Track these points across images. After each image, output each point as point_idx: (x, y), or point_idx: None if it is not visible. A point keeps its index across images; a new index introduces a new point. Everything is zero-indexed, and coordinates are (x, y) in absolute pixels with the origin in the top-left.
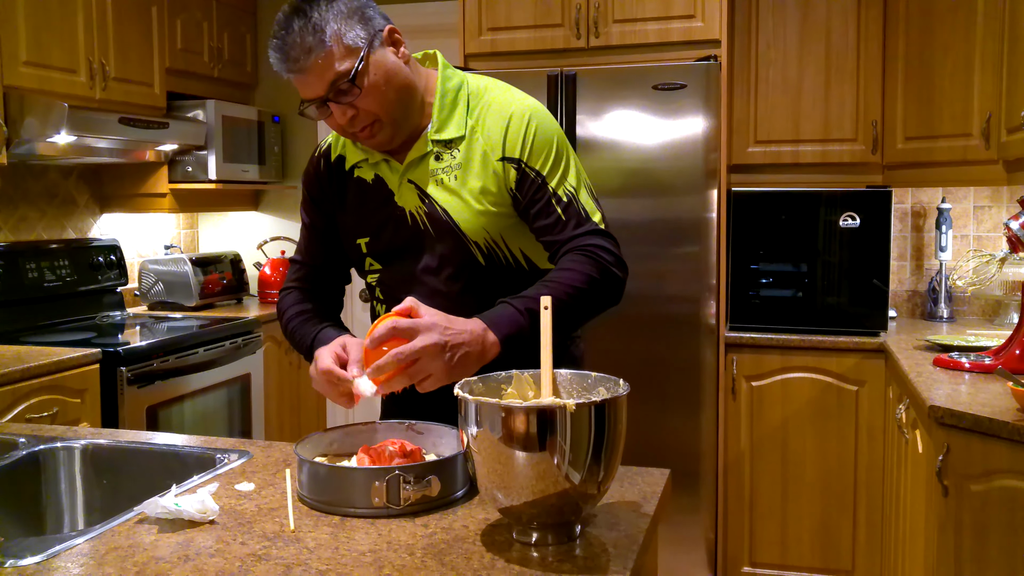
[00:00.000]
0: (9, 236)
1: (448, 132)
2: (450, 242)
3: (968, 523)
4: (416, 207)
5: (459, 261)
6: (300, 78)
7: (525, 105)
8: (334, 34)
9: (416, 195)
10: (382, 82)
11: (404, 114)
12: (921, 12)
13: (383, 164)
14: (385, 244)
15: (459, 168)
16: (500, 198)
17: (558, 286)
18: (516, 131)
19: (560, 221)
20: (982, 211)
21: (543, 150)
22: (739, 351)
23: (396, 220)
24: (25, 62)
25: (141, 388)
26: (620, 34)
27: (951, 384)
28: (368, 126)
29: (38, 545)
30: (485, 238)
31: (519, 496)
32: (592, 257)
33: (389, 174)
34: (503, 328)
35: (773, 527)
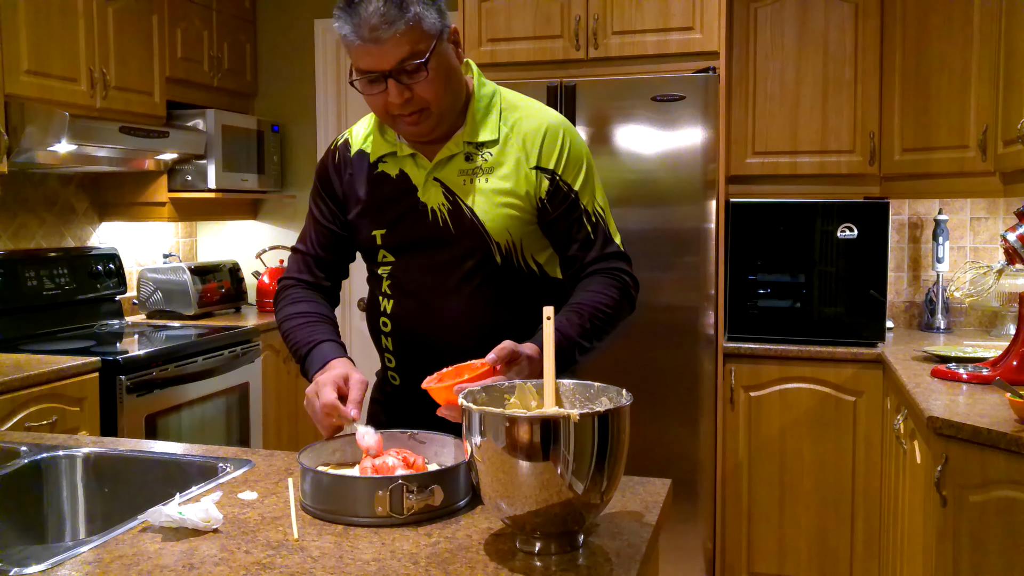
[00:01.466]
0: (8, 244)
1: (482, 135)
2: (471, 240)
3: (966, 533)
4: (440, 204)
5: (478, 259)
6: (371, 47)
7: (560, 120)
8: (416, 15)
9: (441, 192)
10: (444, 74)
11: (451, 110)
12: (918, 24)
13: (409, 160)
14: (400, 237)
15: (490, 171)
16: (527, 204)
17: (593, 310)
18: (551, 143)
19: (589, 239)
20: (979, 222)
21: (576, 166)
22: (737, 361)
23: (416, 214)
24: (26, 71)
25: (140, 397)
26: (619, 45)
27: (949, 395)
28: (417, 112)
29: (42, 553)
30: (507, 239)
31: (523, 505)
32: (619, 280)
33: (415, 170)
34: None
35: (771, 536)
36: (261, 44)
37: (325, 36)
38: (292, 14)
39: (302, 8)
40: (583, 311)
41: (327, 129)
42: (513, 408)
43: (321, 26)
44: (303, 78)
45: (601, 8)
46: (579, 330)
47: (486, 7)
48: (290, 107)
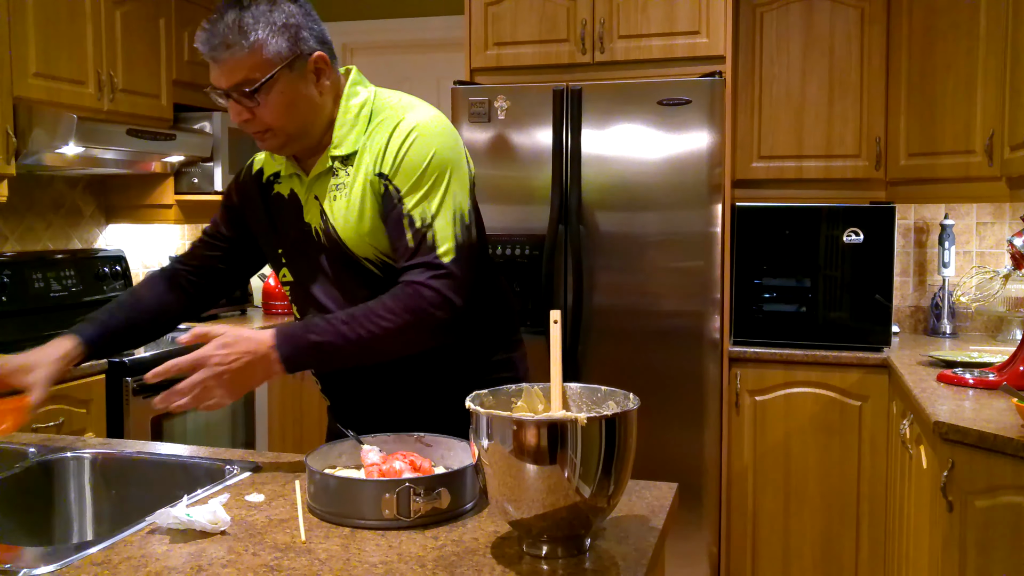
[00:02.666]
0: (16, 246)
1: (343, 148)
2: (343, 259)
3: (973, 539)
4: (318, 224)
5: (354, 277)
6: (213, 65)
7: (413, 121)
8: (257, 41)
9: (318, 211)
10: (283, 103)
11: (298, 133)
12: (924, 29)
13: (295, 179)
14: (295, 258)
15: (347, 187)
16: (374, 215)
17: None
18: (392, 147)
19: (406, 245)
20: (985, 227)
21: (412, 168)
22: (742, 365)
23: (303, 235)
24: (34, 73)
25: (146, 399)
26: (625, 50)
27: (955, 400)
28: (259, 132)
29: (51, 555)
30: (375, 253)
31: (530, 509)
32: (413, 294)
33: (300, 188)
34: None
35: (776, 541)
36: None
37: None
38: None
39: None
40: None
41: None
42: (520, 411)
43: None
44: None
45: (607, 12)
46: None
47: (492, 11)
48: None
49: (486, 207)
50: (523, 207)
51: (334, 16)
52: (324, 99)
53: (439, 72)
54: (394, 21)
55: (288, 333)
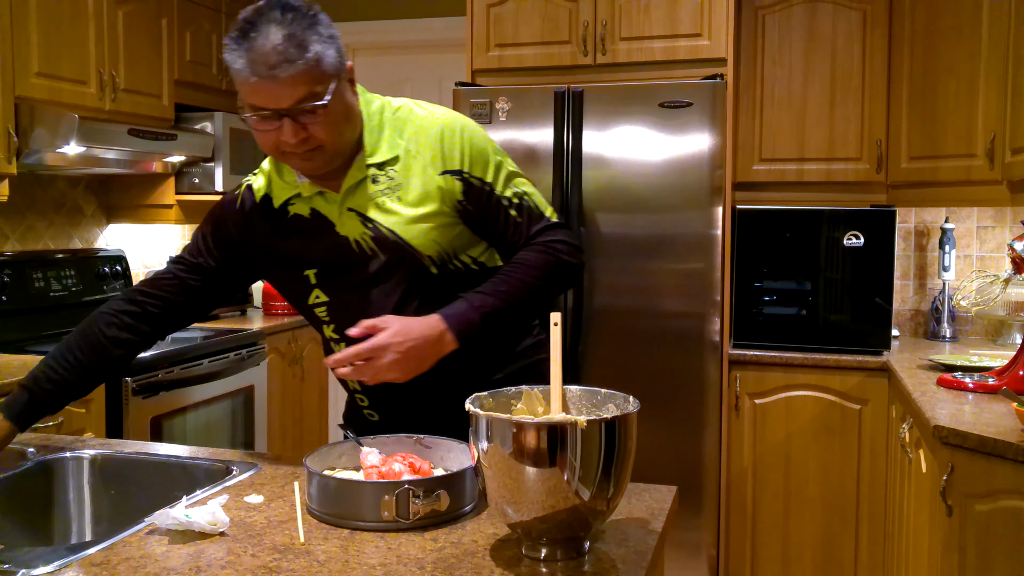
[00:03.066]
0: (16, 245)
1: (381, 155)
2: (401, 261)
3: (972, 543)
4: (360, 234)
5: (412, 277)
6: (267, 85)
7: (453, 118)
8: (317, 55)
9: (358, 221)
10: (340, 116)
11: (345, 147)
12: (926, 32)
13: (318, 198)
14: (333, 273)
15: (399, 188)
16: (447, 210)
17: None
18: (451, 144)
19: (516, 223)
20: (985, 231)
21: (481, 158)
22: (742, 368)
23: (340, 249)
24: (36, 73)
25: (146, 399)
26: (627, 51)
27: (955, 404)
28: (310, 150)
29: (50, 555)
30: (436, 250)
31: (529, 511)
32: (546, 250)
33: (326, 205)
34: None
35: (775, 544)
36: None
37: None
38: None
39: None
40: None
41: None
42: (520, 414)
43: None
44: None
45: (609, 14)
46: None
47: (495, 12)
48: None
49: None
50: None
51: (336, 17)
52: (358, 109)
53: (441, 73)
54: (396, 22)
55: (456, 313)
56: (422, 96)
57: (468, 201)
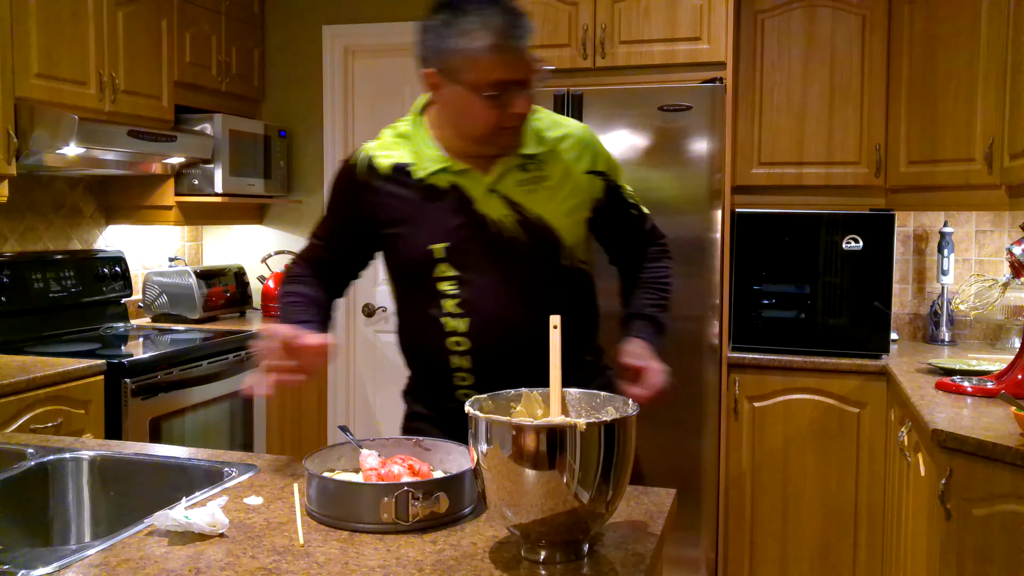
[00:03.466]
0: (16, 246)
1: (531, 148)
2: (542, 246)
3: (970, 547)
4: (503, 215)
5: (547, 263)
6: (519, 55)
7: (586, 127)
8: None
9: (502, 204)
10: None
11: None
12: (925, 36)
13: (462, 175)
14: (465, 249)
15: (547, 179)
16: (586, 207)
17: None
18: (592, 147)
19: (638, 221)
20: (984, 235)
21: (614, 164)
22: (741, 371)
23: (476, 226)
24: (36, 74)
25: (145, 400)
26: (627, 55)
27: (953, 408)
28: (519, 126)
29: (49, 556)
30: (573, 242)
31: (528, 514)
32: (666, 253)
33: (469, 184)
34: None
35: (774, 547)
36: (269, 49)
37: (333, 42)
38: (300, 20)
39: (310, 14)
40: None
41: (334, 135)
42: (519, 416)
43: (329, 32)
44: (310, 84)
45: (609, 17)
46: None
47: None
48: (297, 112)
49: None
50: None
51: (335, 19)
52: None
53: None
54: (396, 24)
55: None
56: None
57: (606, 198)
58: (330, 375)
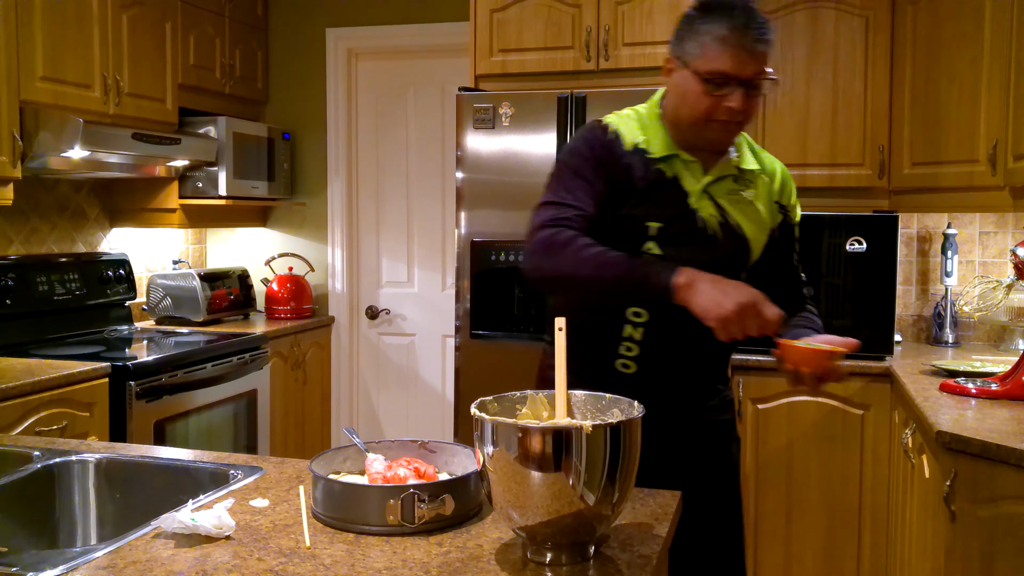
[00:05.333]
0: (20, 249)
1: (746, 164)
2: (735, 251)
3: (975, 549)
4: (710, 214)
5: (733, 271)
6: (741, 53)
7: (783, 165)
8: (772, 40)
9: (711, 204)
10: (760, 100)
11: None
12: (928, 38)
13: (685, 167)
14: (676, 233)
15: (752, 196)
16: (766, 230)
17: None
18: (788, 182)
19: (795, 265)
20: (988, 237)
21: (797, 204)
22: (745, 373)
23: (687, 217)
24: (41, 77)
25: (149, 402)
26: (630, 57)
27: (958, 409)
28: (736, 123)
29: (56, 558)
30: (755, 257)
31: (534, 516)
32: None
33: (688, 177)
34: None
35: (778, 550)
36: (273, 52)
37: (336, 44)
38: (304, 22)
39: (314, 16)
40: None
41: (337, 137)
42: (525, 419)
43: (333, 35)
44: (314, 86)
45: (612, 19)
46: None
47: (498, 17)
48: (301, 115)
49: (490, 213)
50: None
51: (340, 22)
52: None
53: (444, 78)
54: (400, 27)
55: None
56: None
57: (779, 231)
58: (333, 377)
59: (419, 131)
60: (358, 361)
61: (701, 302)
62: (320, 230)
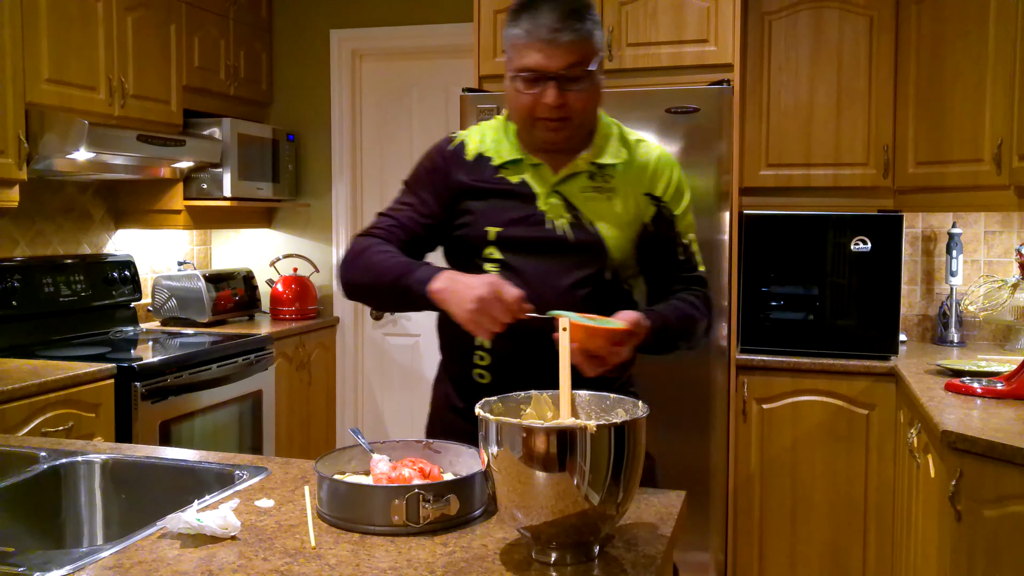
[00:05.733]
0: (26, 250)
1: (605, 158)
2: (589, 254)
3: (981, 549)
4: (560, 215)
5: (590, 272)
6: (544, 47)
7: (669, 154)
8: (590, 29)
9: (563, 206)
10: (592, 93)
11: (586, 126)
12: (932, 37)
13: (532, 170)
14: (516, 237)
15: (611, 191)
16: (637, 228)
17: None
18: (662, 173)
19: (678, 261)
20: (993, 236)
21: (680, 198)
22: (750, 373)
23: (534, 221)
24: (46, 79)
25: (155, 403)
26: (633, 57)
27: (963, 409)
28: (561, 120)
29: (63, 558)
30: (620, 257)
31: (539, 516)
32: (705, 301)
33: (537, 180)
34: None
35: (783, 549)
36: (277, 54)
37: (340, 46)
38: (308, 24)
39: (318, 18)
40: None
41: (342, 138)
42: (529, 419)
43: (337, 36)
44: (318, 88)
45: (616, 20)
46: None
47: (501, 18)
48: (305, 116)
49: None
50: None
51: (344, 23)
52: None
53: (447, 79)
54: (403, 28)
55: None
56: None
57: (653, 225)
58: (338, 377)
59: (423, 132)
60: (363, 362)
61: (451, 307)
62: (325, 231)
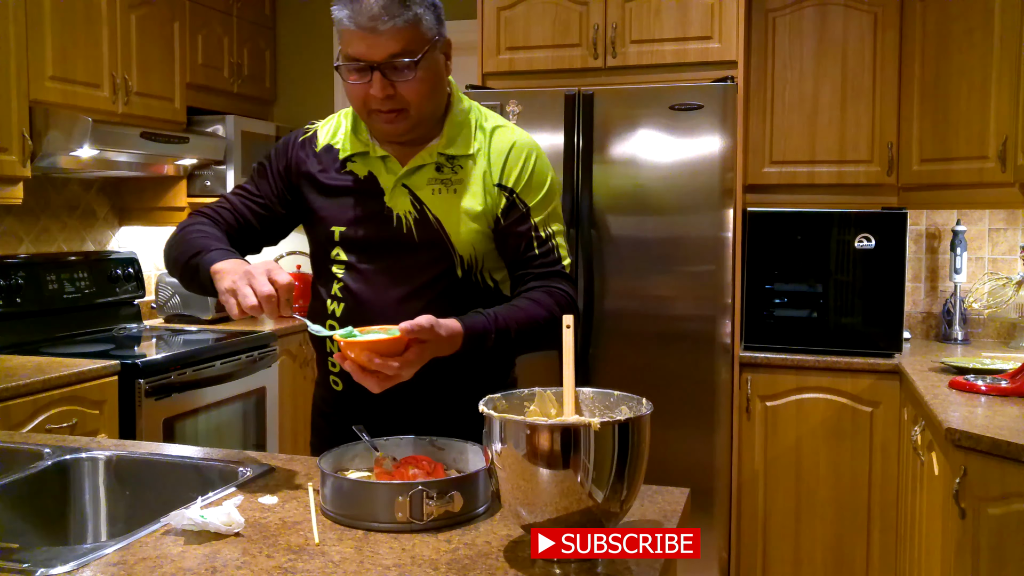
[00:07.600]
0: (30, 248)
1: (455, 149)
2: (435, 250)
3: (985, 546)
4: (406, 211)
5: (440, 270)
6: (365, 36)
7: (528, 141)
8: (416, 15)
9: (409, 200)
10: (428, 81)
11: (429, 116)
12: (938, 34)
13: (380, 163)
14: (360, 237)
15: (459, 183)
16: (488, 220)
17: (523, 314)
18: (515, 161)
19: (533, 255)
20: (997, 233)
21: (536, 187)
22: (754, 371)
23: (381, 218)
24: (50, 77)
25: (158, 400)
26: (637, 54)
27: (967, 406)
28: (395, 111)
29: (67, 555)
30: (471, 253)
31: (543, 513)
32: (555, 298)
33: (384, 173)
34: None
35: (787, 547)
36: (280, 51)
37: None
38: (311, 21)
39: (321, 15)
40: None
41: None
42: (533, 416)
43: None
44: (322, 85)
45: (619, 17)
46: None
47: (505, 15)
48: (309, 114)
49: None
50: None
51: None
52: (447, 89)
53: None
54: None
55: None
56: None
57: (504, 217)
58: None
59: None
60: None
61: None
62: None
